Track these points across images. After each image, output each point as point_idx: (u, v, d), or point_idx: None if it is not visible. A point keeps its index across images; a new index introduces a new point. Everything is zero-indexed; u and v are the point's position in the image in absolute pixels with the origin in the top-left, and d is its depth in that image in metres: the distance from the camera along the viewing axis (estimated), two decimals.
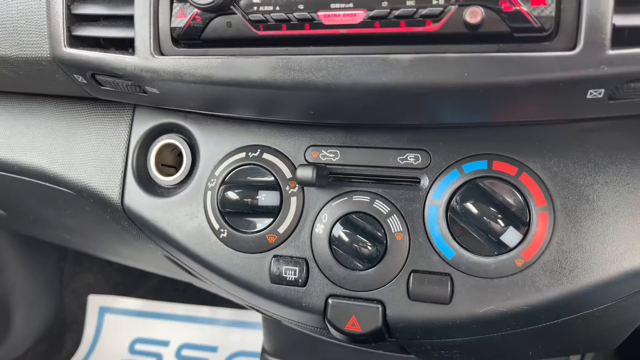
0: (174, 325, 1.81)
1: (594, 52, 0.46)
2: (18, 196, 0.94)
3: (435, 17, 0.49)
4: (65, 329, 1.85)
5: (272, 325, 1.10)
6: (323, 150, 0.65)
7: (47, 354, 1.79)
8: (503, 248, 0.57)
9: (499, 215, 0.57)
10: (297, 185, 0.66)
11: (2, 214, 1.11)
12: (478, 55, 0.48)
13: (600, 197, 0.57)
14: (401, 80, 0.50)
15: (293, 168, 0.66)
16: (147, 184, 0.73)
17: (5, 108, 0.81)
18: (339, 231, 0.63)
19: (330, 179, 0.65)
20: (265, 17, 0.53)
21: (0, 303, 1.65)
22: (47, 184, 0.78)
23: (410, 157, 0.62)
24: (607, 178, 0.57)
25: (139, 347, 1.80)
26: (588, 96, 0.49)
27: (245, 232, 0.66)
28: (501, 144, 0.59)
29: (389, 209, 0.62)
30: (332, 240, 0.63)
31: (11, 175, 0.81)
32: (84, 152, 0.76)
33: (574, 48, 0.47)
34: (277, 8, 0.53)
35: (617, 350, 1.33)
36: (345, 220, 0.63)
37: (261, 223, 0.66)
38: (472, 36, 0.49)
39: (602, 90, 0.48)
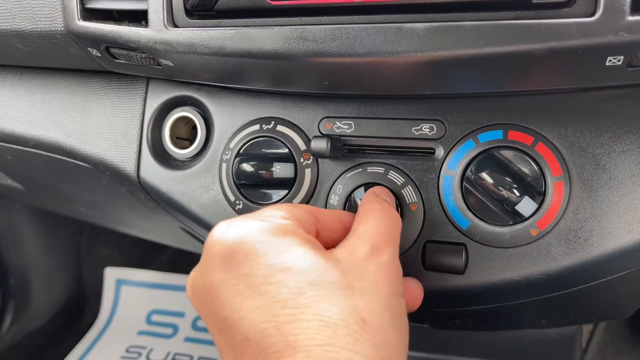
0: None
1: (613, 18, 0.45)
2: (35, 170, 0.95)
3: None
4: (83, 301, 1.89)
5: None
6: (337, 122, 0.65)
7: (66, 325, 1.83)
8: (518, 218, 0.57)
9: (514, 185, 0.57)
10: (311, 156, 0.66)
11: (19, 187, 1.12)
12: (495, 23, 0.48)
13: (617, 166, 0.56)
14: (416, 50, 0.50)
15: (307, 140, 0.66)
16: (163, 157, 0.74)
17: (21, 82, 0.82)
18: (353, 203, 0.63)
19: (344, 150, 0.65)
20: None
21: (19, 276, 1.68)
22: (64, 157, 0.79)
23: (425, 128, 0.62)
24: (624, 147, 0.56)
25: (155, 318, 1.84)
26: (607, 63, 0.48)
27: (260, 204, 0.67)
28: (517, 113, 0.59)
29: (403, 180, 0.62)
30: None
31: (28, 149, 0.82)
32: (100, 125, 0.76)
33: (593, 14, 0.46)
34: None
35: (629, 320, 1.34)
36: (359, 191, 0.63)
37: (276, 195, 0.67)
38: (489, 3, 0.48)
39: (621, 57, 0.48)
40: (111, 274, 1.90)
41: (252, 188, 0.67)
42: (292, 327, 0.41)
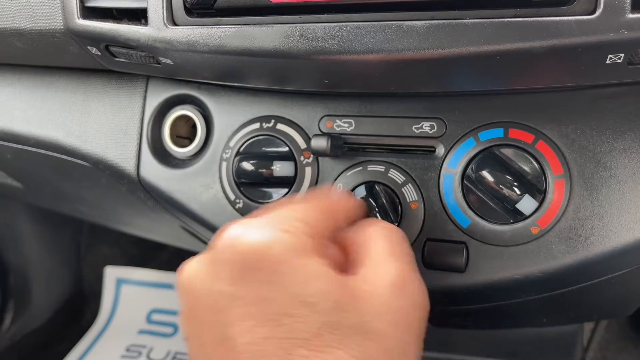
0: None
1: (613, 16, 0.45)
2: (35, 169, 0.95)
3: None
4: (83, 300, 1.89)
5: None
6: (337, 120, 0.65)
7: (66, 324, 1.83)
8: (519, 216, 0.57)
9: (515, 183, 0.57)
10: (311, 155, 0.66)
11: (19, 186, 1.12)
12: (495, 21, 0.48)
13: (617, 164, 0.56)
14: (417, 47, 0.50)
15: (307, 138, 0.66)
16: (163, 156, 0.73)
17: (20, 81, 0.81)
18: None
19: (344, 148, 0.64)
20: None
21: (19, 275, 1.68)
22: (63, 156, 0.79)
23: (425, 126, 0.62)
24: (625, 145, 0.56)
25: (155, 317, 1.83)
26: (607, 61, 0.48)
27: (260, 203, 0.67)
28: (518, 111, 0.59)
29: (404, 178, 0.62)
30: None
31: (28, 148, 0.82)
32: (99, 124, 0.76)
33: (593, 12, 0.46)
34: None
35: (630, 318, 1.34)
36: (359, 190, 0.63)
37: (276, 193, 0.67)
38: (490, 1, 0.48)
39: (622, 55, 0.48)
40: (111, 273, 1.89)
41: (252, 187, 0.67)
42: None
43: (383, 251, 0.47)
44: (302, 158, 0.66)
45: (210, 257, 0.44)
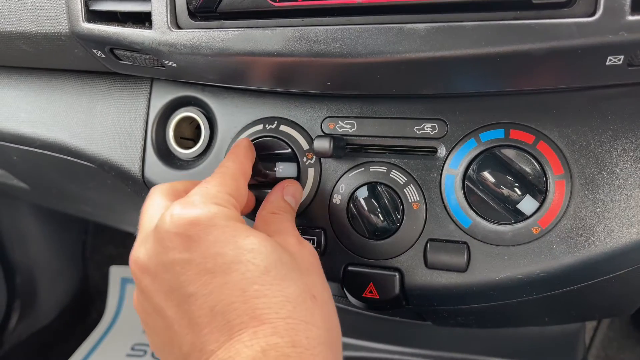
0: None
1: (613, 18, 0.45)
2: (41, 170, 0.95)
3: None
4: (89, 300, 1.90)
5: None
6: (340, 122, 0.66)
7: (72, 324, 1.84)
8: (520, 216, 0.58)
9: (516, 184, 0.57)
10: (314, 156, 0.66)
11: (25, 187, 1.13)
12: (496, 24, 0.48)
13: (618, 165, 0.56)
14: (418, 50, 0.50)
15: (310, 139, 0.66)
16: (167, 157, 0.74)
17: (26, 84, 0.82)
18: (356, 201, 0.64)
19: (347, 149, 0.65)
20: None
21: (25, 274, 1.69)
22: (69, 158, 0.80)
23: (427, 127, 0.62)
24: (626, 145, 0.56)
25: None
26: (607, 62, 0.48)
27: None
28: (518, 112, 0.59)
29: (405, 179, 0.63)
30: (349, 211, 0.64)
31: (34, 149, 0.83)
32: (104, 126, 0.77)
33: (593, 14, 0.46)
34: None
35: (633, 317, 1.34)
36: (362, 190, 0.64)
37: None
38: (490, 4, 0.48)
39: (622, 57, 0.48)
40: (116, 273, 1.91)
41: (256, 188, 0.67)
42: (259, 301, 0.45)
43: (288, 229, 0.57)
44: (304, 159, 0.66)
45: (156, 236, 0.50)
